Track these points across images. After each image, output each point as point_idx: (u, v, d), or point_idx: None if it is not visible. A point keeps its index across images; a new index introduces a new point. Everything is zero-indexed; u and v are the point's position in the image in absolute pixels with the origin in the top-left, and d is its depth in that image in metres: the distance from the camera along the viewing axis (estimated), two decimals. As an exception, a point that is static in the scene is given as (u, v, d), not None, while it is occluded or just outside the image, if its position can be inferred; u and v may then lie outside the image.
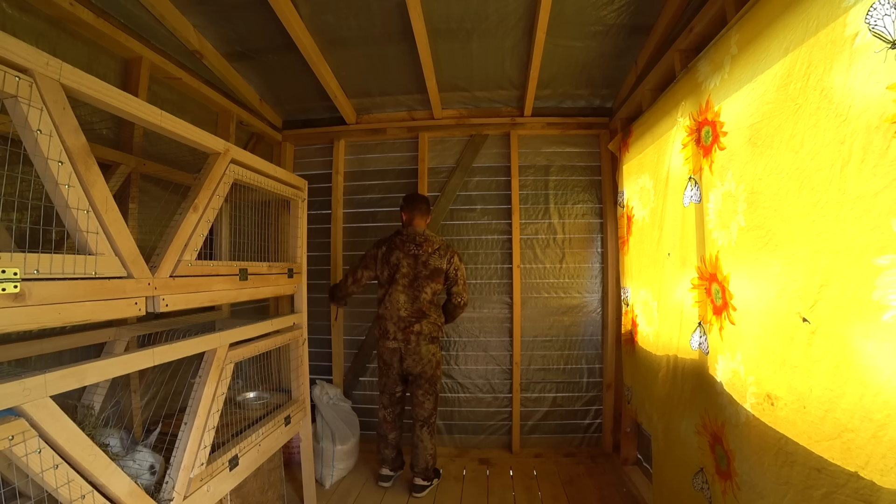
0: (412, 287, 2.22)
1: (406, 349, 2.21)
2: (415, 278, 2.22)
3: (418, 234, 2.27)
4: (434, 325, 2.25)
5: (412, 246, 2.24)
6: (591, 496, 2.26)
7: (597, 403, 2.81)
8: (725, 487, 1.33)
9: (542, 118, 2.82)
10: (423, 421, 2.29)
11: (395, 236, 2.30)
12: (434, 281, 2.23)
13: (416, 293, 2.21)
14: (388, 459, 2.38)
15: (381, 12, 1.95)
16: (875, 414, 0.81)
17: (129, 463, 1.16)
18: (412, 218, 2.30)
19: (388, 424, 2.35)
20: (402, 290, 2.22)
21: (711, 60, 1.43)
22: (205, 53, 2.05)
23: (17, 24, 1.41)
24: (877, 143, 0.81)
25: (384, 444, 2.37)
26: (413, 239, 2.26)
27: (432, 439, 2.32)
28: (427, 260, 2.22)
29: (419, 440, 2.29)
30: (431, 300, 2.24)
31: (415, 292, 2.21)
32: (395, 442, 2.38)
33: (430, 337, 2.24)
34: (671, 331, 1.77)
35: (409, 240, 2.26)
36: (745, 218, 1.22)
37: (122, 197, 1.70)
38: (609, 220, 2.77)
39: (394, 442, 2.37)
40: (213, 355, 1.33)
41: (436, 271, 2.23)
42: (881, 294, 0.79)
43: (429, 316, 2.23)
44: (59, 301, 0.86)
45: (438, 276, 2.24)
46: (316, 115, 2.94)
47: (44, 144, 0.85)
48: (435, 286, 2.24)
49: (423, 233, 2.29)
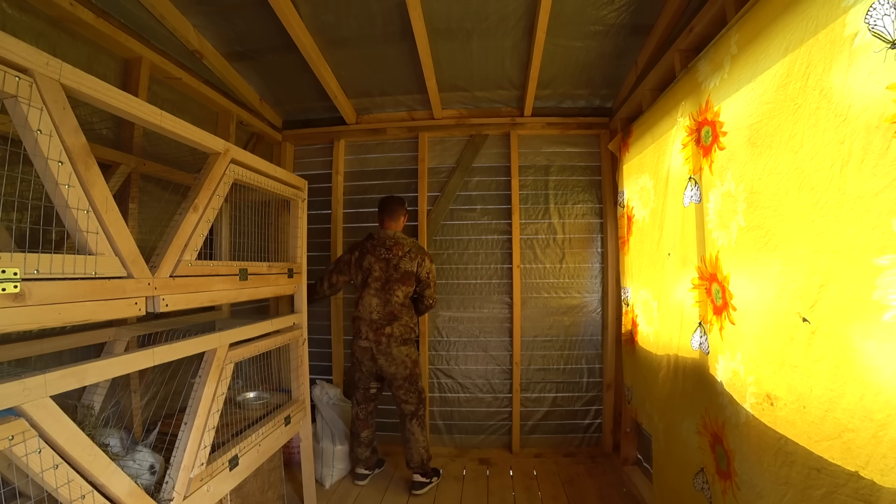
0: (384, 290, 2.24)
1: (377, 349, 2.23)
2: (386, 281, 2.24)
3: (388, 238, 2.29)
4: (406, 327, 2.25)
5: (382, 250, 2.27)
6: (591, 496, 2.26)
7: (597, 403, 2.81)
8: (725, 487, 1.33)
9: (542, 118, 2.82)
10: (411, 415, 2.31)
11: (366, 240, 2.33)
12: (405, 284, 2.25)
13: (387, 296, 2.23)
14: (362, 459, 2.40)
15: (381, 12, 1.95)
16: (875, 414, 0.81)
17: (129, 463, 1.16)
18: (382, 221, 2.34)
19: (360, 422, 2.38)
20: (374, 294, 2.24)
21: (711, 60, 1.43)
22: (205, 53, 2.05)
23: (17, 24, 1.41)
24: (877, 143, 0.80)
25: (357, 442, 2.39)
26: (383, 243, 2.28)
27: (423, 432, 2.33)
28: (398, 263, 2.24)
29: (410, 434, 2.31)
30: (403, 303, 2.25)
31: (386, 295, 2.23)
32: (369, 441, 2.40)
33: (401, 339, 2.24)
34: (672, 331, 1.77)
35: (379, 244, 2.28)
36: (745, 218, 1.22)
37: (122, 197, 1.70)
38: (609, 220, 2.77)
39: (367, 441, 2.39)
40: (213, 355, 1.33)
41: (406, 274, 2.24)
42: (881, 294, 0.79)
43: (400, 318, 2.24)
44: (59, 301, 0.86)
45: (409, 278, 2.25)
46: (316, 115, 2.94)
47: (44, 144, 0.85)
48: (406, 289, 2.25)
49: (394, 236, 2.30)
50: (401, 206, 2.37)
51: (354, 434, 2.40)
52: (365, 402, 2.37)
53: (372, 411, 2.40)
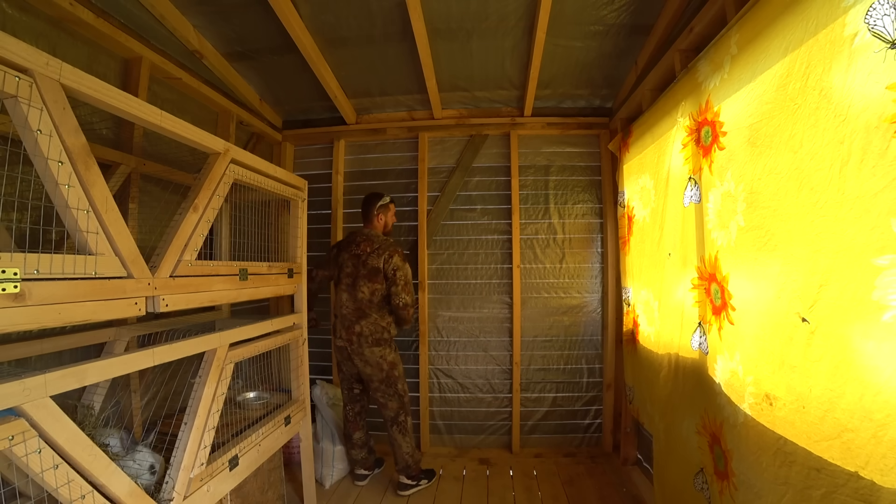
0: (353, 287, 2.23)
1: (351, 349, 2.22)
2: (356, 277, 2.23)
3: (359, 234, 2.31)
4: (376, 325, 2.20)
5: (353, 246, 2.28)
6: (591, 496, 2.26)
7: (597, 403, 2.81)
8: (723, 487, 1.33)
9: (542, 118, 2.82)
10: (391, 421, 2.28)
11: (346, 237, 2.37)
12: (372, 280, 2.20)
13: (354, 292, 2.23)
14: (358, 460, 2.39)
15: (381, 12, 1.95)
16: (875, 414, 0.81)
17: (129, 463, 1.16)
18: (362, 220, 2.37)
19: (350, 423, 2.37)
20: (344, 290, 2.26)
21: (711, 60, 1.43)
22: (205, 53, 2.05)
23: (17, 24, 1.41)
24: (876, 143, 0.80)
25: (350, 444, 2.38)
26: (355, 239, 2.30)
27: (406, 437, 2.29)
28: (366, 259, 2.22)
29: (392, 440, 2.30)
30: (370, 300, 2.21)
31: (354, 291, 2.23)
32: (362, 442, 2.39)
33: (373, 339, 2.20)
34: (672, 331, 1.77)
35: (352, 240, 2.31)
36: (745, 218, 1.22)
37: (122, 197, 1.70)
38: (609, 220, 2.77)
39: (360, 442, 2.38)
40: (213, 355, 1.33)
41: (373, 270, 2.20)
42: (881, 294, 0.79)
43: (369, 316, 2.20)
44: (59, 301, 0.86)
45: (376, 275, 2.20)
46: (316, 115, 2.94)
47: (44, 144, 0.85)
48: (373, 286, 2.20)
49: (366, 233, 2.31)
50: (372, 205, 2.34)
51: (347, 436, 2.40)
52: (351, 403, 2.37)
53: (360, 412, 2.39)
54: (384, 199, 2.38)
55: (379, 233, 2.34)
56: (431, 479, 2.41)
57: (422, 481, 2.35)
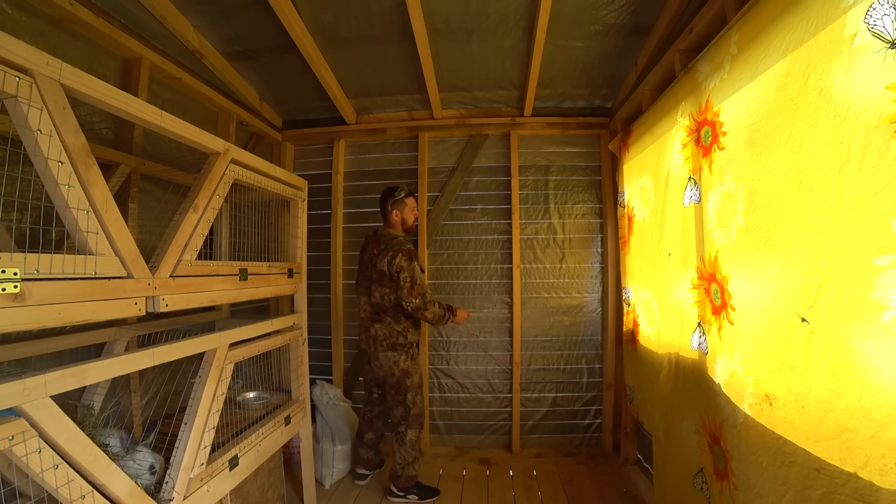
0: (369, 290, 2.19)
1: (370, 352, 2.21)
2: (371, 281, 2.18)
3: (372, 234, 2.27)
4: (390, 329, 2.13)
5: (368, 247, 2.24)
6: (591, 496, 2.26)
7: (597, 403, 2.81)
8: (722, 487, 1.33)
9: (542, 118, 2.82)
10: (393, 427, 2.24)
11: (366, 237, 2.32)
12: (381, 284, 2.11)
13: (370, 296, 2.18)
14: (362, 459, 2.39)
15: (380, 12, 1.95)
16: (874, 414, 0.81)
17: (129, 463, 1.16)
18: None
19: (364, 423, 2.38)
20: (363, 292, 2.24)
21: (711, 60, 1.43)
22: (205, 53, 2.05)
23: (17, 24, 1.41)
24: (876, 143, 0.80)
25: (360, 441, 2.39)
26: (369, 240, 2.26)
27: (401, 449, 2.19)
28: (375, 262, 2.14)
29: (391, 445, 2.26)
30: (382, 304, 2.13)
31: (370, 295, 2.18)
32: (372, 443, 2.39)
33: (387, 343, 2.14)
34: (672, 331, 1.77)
35: (367, 241, 2.28)
36: (744, 218, 1.22)
37: (122, 197, 1.70)
38: (609, 220, 2.77)
39: (370, 442, 2.38)
40: (213, 355, 1.33)
41: (381, 274, 2.10)
42: (880, 294, 0.79)
43: (383, 319, 2.14)
44: (59, 301, 0.86)
45: (383, 279, 2.10)
46: (316, 115, 2.94)
47: (44, 144, 0.85)
48: (382, 290, 2.10)
49: (379, 232, 2.24)
50: (385, 202, 2.23)
51: (359, 433, 2.40)
52: (369, 405, 2.37)
53: (377, 416, 2.38)
54: (399, 192, 2.21)
55: (396, 231, 2.22)
56: (425, 499, 2.22)
57: (410, 496, 2.22)
